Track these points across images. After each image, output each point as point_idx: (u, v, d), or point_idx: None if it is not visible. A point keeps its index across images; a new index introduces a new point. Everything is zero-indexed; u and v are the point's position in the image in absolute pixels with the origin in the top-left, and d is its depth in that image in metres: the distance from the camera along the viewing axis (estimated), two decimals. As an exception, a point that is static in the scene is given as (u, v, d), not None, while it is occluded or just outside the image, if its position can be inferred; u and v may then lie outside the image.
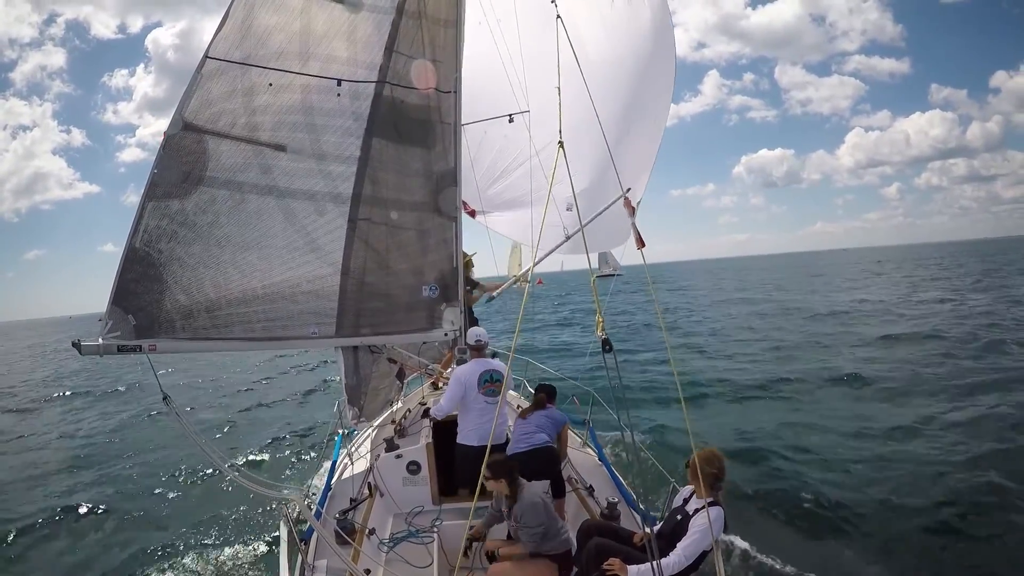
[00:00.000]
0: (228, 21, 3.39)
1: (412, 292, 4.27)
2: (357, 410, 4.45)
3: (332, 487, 4.90)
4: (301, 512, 3.90)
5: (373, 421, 5.71)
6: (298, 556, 3.86)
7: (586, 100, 4.26)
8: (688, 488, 3.62)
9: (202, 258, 3.35)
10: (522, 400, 7.10)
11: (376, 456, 4.94)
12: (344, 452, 5.62)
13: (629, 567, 3.28)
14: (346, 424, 5.57)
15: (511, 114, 5.68)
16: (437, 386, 6.82)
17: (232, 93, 3.45)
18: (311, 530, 4.04)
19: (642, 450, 5.74)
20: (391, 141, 4.01)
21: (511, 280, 6.65)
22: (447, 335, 4.46)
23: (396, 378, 5.65)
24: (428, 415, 5.20)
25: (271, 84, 3.55)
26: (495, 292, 6.60)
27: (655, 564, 3.07)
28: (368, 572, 3.70)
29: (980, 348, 15.74)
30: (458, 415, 4.73)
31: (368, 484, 4.75)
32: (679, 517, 3.53)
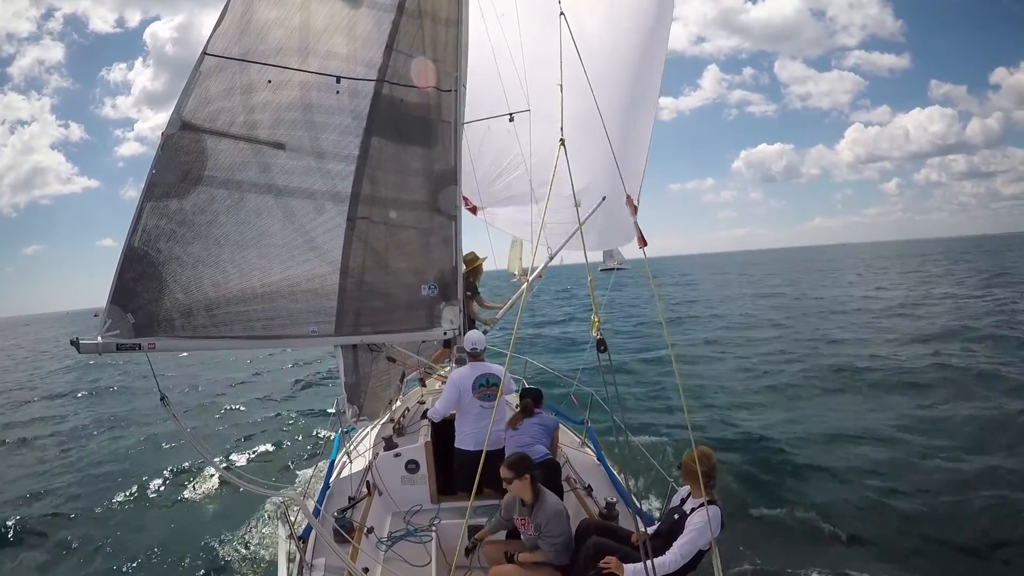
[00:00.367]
0: (227, 16, 3.37)
1: (411, 291, 4.26)
2: (356, 408, 4.46)
3: (331, 485, 4.90)
4: (300, 510, 3.91)
5: (373, 420, 5.71)
6: (296, 554, 3.87)
7: (589, 94, 4.21)
8: (686, 488, 3.64)
9: (201, 257, 3.34)
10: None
11: (375, 455, 4.94)
12: (343, 451, 5.63)
13: (625, 566, 3.29)
14: (345, 423, 5.57)
15: (512, 113, 5.64)
16: (424, 383, 6.78)
17: (230, 90, 3.42)
18: (309, 528, 4.05)
19: (640, 449, 5.74)
20: (391, 140, 3.98)
21: (508, 304, 6.53)
22: (446, 334, 4.46)
23: (398, 380, 5.64)
24: (427, 415, 5.21)
25: (270, 81, 3.52)
26: (496, 317, 6.53)
27: (649, 563, 3.09)
28: (366, 571, 3.72)
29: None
30: (455, 419, 4.73)
31: (367, 483, 4.76)
32: (676, 516, 3.54)
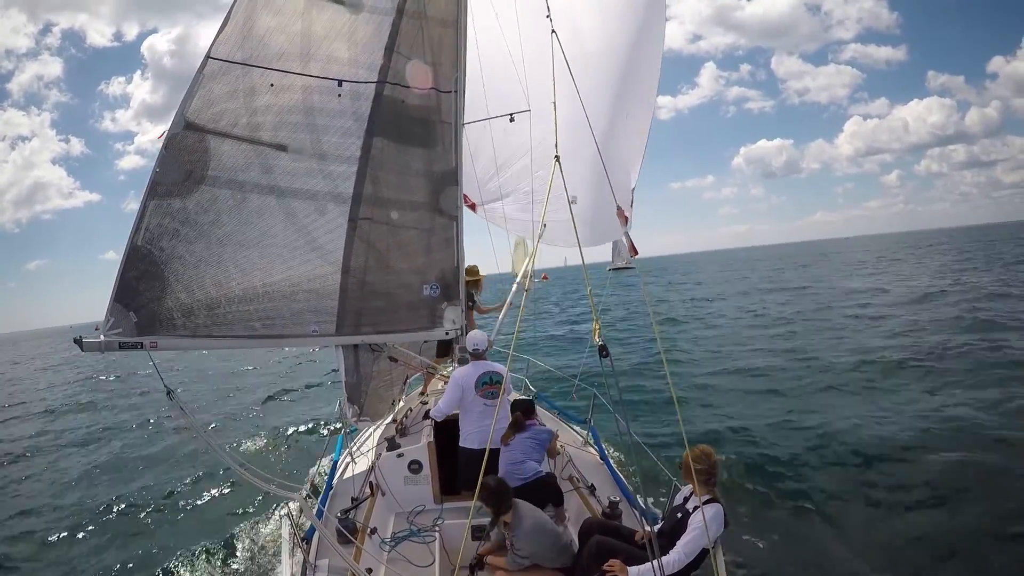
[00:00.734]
0: (230, 22, 3.42)
1: (413, 291, 4.29)
2: (357, 408, 4.47)
3: (334, 486, 4.90)
4: (303, 511, 3.91)
5: (376, 421, 5.71)
6: (300, 555, 3.87)
7: (585, 95, 4.24)
8: (689, 487, 3.62)
9: (203, 256, 3.37)
10: None
11: (377, 455, 4.95)
12: (346, 451, 5.63)
13: (630, 568, 3.27)
14: (347, 423, 5.57)
15: (512, 113, 5.67)
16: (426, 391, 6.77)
17: (234, 93, 3.47)
18: (313, 529, 4.04)
19: (644, 448, 5.72)
20: (392, 141, 4.03)
21: (507, 302, 6.44)
22: (448, 334, 4.47)
23: (401, 381, 5.64)
24: (429, 415, 5.21)
25: (272, 84, 3.57)
26: (499, 312, 6.43)
27: (657, 563, 3.06)
28: (370, 571, 3.71)
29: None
30: (459, 418, 4.73)
31: (370, 483, 4.76)
32: (679, 515, 3.53)
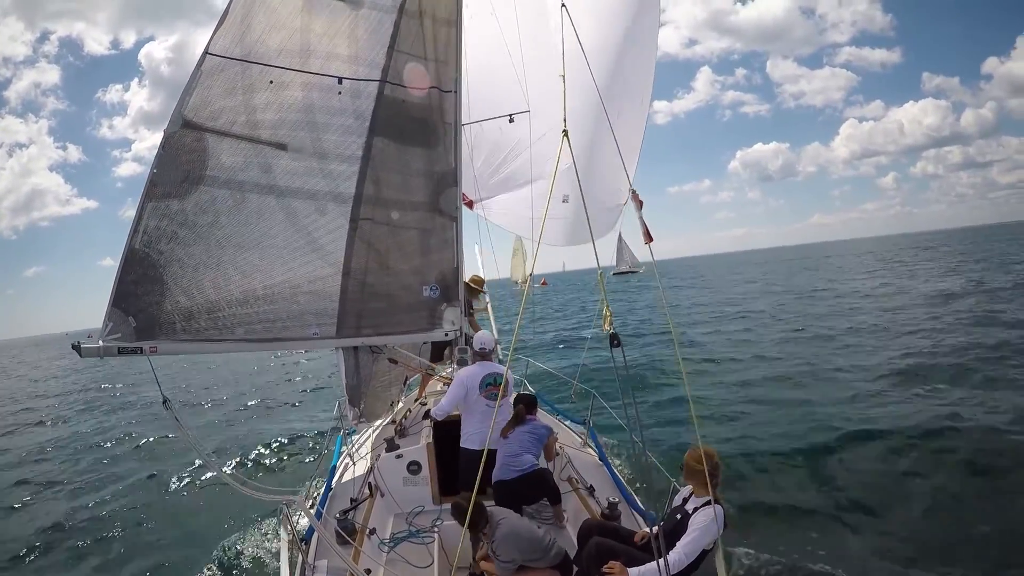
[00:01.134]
0: (228, 17, 3.35)
1: (413, 292, 4.25)
2: (357, 410, 4.45)
3: (332, 487, 4.89)
4: (302, 512, 3.89)
5: (375, 422, 5.70)
6: (299, 556, 3.86)
7: (580, 90, 4.20)
8: (688, 487, 3.61)
9: (202, 259, 3.31)
10: None
11: (377, 456, 4.93)
12: (345, 452, 5.61)
13: (629, 569, 3.26)
14: (347, 424, 5.56)
15: (511, 114, 5.65)
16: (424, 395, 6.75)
17: (232, 90, 3.40)
18: (311, 530, 4.03)
19: (643, 448, 5.72)
20: (393, 140, 3.98)
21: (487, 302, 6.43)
22: (447, 335, 4.45)
23: (400, 382, 5.62)
24: (429, 415, 5.20)
25: (272, 82, 3.51)
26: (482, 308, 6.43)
27: (662, 561, 3.05)
28: (369, 572, 3.70)
29: None
30: (462, 418, 4.71)
31: (369, 484, 4.74)
32: (679, 516, 3.51)
